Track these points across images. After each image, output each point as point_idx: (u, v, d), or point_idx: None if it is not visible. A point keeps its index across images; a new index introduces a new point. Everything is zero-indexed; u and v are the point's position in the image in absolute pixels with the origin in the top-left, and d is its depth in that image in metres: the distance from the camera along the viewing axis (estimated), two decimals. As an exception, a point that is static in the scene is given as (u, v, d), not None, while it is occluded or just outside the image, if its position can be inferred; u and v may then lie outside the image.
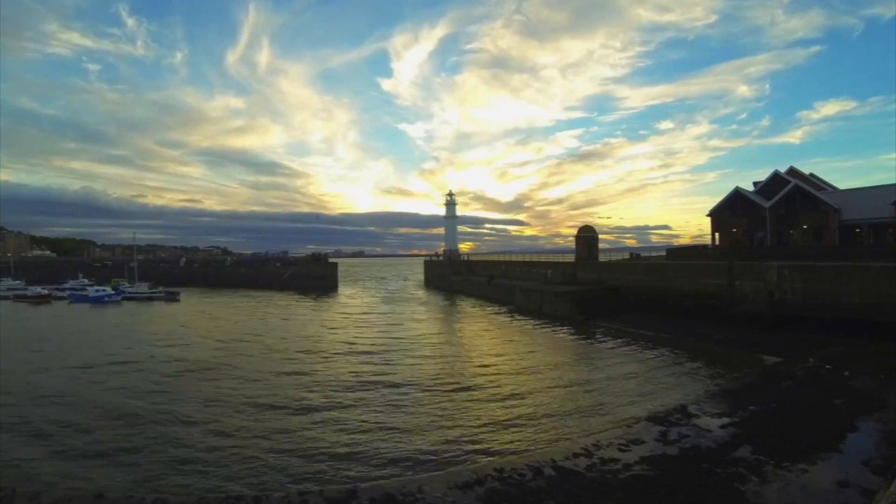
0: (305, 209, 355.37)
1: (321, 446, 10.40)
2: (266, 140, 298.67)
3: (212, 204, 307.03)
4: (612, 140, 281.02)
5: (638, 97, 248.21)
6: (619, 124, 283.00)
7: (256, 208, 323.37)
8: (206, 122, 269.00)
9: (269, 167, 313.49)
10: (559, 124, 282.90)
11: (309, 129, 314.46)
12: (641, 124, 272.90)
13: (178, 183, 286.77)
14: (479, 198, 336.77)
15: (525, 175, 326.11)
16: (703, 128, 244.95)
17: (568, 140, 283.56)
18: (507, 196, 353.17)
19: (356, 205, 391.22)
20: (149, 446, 10.45)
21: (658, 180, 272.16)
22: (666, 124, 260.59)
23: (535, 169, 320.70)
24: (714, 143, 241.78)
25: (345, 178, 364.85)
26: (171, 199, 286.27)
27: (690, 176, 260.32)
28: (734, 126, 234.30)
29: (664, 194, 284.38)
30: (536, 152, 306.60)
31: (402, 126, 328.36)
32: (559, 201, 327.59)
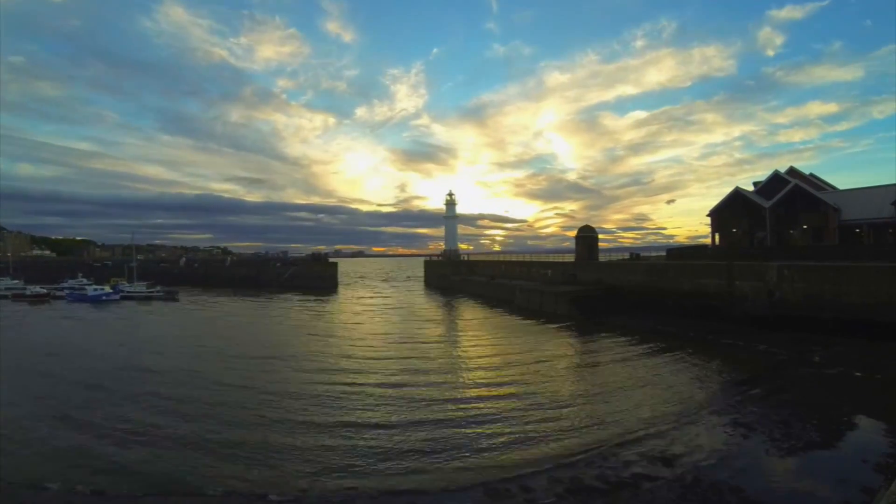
0: (292, 195, 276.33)
1: (320, 443, 10.40)
2: None
3: (156, 175, 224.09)
4: (833, 46, 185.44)
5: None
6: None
7: (232, 189, 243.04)
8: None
9: (194, 91, 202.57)
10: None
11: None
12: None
13: (96, 139, 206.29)
14: (538, 173, 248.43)
15: (623, 127, 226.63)
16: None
17: (774, 37, 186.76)
18: (574, 168, 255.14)
19: (361, 186, 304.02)
20: (148, 441, 10.45)
21: (783, 151, 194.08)
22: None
23: (647, 112, 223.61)
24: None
25: (340, 128, 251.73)
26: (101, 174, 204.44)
27: (856, 143, 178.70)
28: None
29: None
30: (693, 65, 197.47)
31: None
32: (639, 179, 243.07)
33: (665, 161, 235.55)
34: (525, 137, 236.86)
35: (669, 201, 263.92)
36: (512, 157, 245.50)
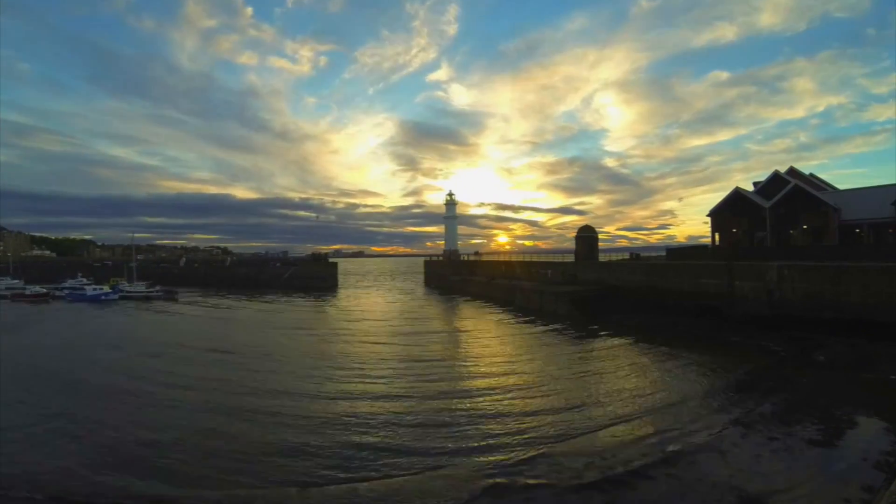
0: (285, 186, 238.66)
1: (320, 445, 10.40)
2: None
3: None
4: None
5: None
6: None
7: (215, 178, 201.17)
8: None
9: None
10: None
11: None
12: None
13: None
14: (577, 157, 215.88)
15: (696, 93, 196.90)
16: None
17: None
18: (617, 151, 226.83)
19: (364, 174, 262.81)
20: (148, 438, 10.45)
21: (854, 134, 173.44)
22: None
23: (731, 73, 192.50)
24: None
25: (335, 83, 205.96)
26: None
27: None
28: None
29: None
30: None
31: None
32: (683, 167, 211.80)
33: (720, 145, 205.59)
34: (572, 104, 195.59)
35: (680, 199, 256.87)
36: (550, 135, 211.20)
